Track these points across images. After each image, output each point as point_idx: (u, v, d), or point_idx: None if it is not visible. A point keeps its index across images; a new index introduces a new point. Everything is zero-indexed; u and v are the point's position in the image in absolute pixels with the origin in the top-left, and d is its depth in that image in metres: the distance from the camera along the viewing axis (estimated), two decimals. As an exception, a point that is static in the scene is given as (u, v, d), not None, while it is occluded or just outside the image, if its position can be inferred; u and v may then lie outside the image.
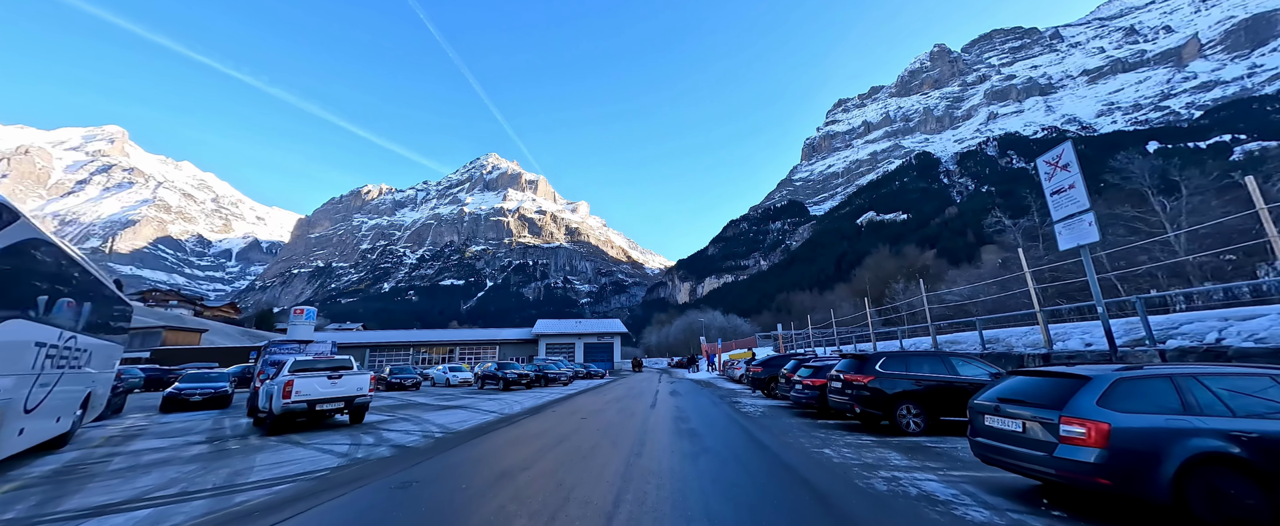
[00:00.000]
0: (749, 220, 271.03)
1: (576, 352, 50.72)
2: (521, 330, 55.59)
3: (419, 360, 48.71)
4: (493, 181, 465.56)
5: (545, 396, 18.12)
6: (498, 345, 50.95)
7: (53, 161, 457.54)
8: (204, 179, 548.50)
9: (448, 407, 14.50)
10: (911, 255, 66.93)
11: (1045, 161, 9.41)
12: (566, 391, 21.04)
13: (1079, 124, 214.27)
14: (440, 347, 50.76)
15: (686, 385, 24.48)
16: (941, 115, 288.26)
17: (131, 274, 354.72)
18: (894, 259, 63.14)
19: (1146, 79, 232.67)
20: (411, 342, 50.92)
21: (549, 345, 51.04)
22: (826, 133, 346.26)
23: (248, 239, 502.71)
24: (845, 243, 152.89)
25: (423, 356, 49.16)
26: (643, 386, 23.83)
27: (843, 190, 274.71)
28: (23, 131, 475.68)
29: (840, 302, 55.27)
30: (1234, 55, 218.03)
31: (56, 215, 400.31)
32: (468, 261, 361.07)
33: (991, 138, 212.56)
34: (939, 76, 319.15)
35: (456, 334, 56.77)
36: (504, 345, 50.97)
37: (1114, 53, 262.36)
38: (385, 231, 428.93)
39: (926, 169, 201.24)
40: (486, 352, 50.10)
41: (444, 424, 10.80)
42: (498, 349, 50.48)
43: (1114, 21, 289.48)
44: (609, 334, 53.79)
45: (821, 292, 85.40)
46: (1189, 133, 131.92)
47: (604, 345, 52.64)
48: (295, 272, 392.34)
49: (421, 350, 50.17)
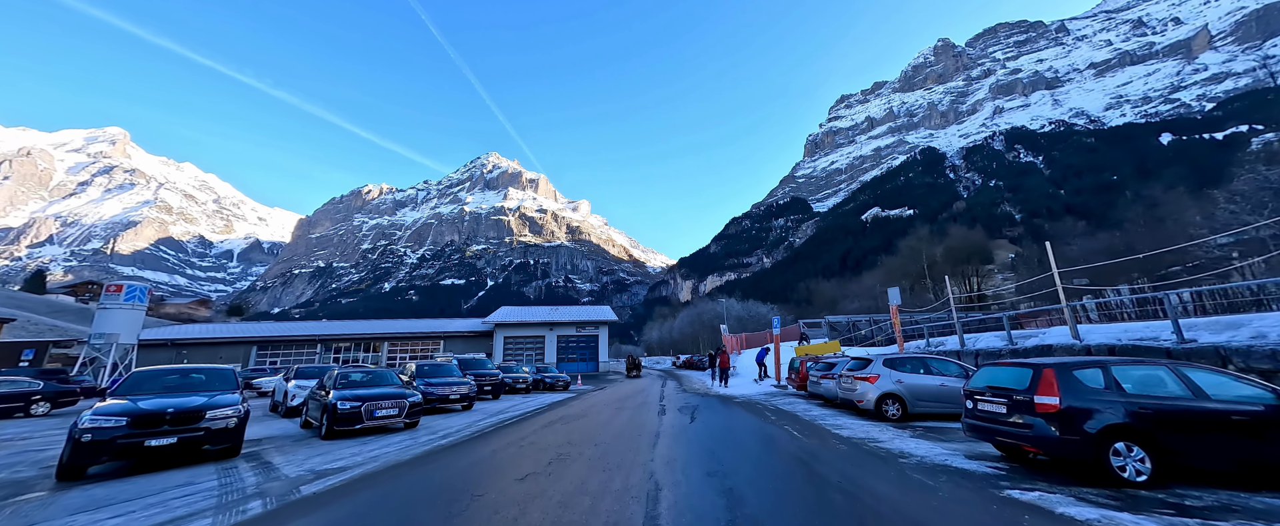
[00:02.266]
0: (752, 217, 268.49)
1: (547, 348, 40.36)
2: (473, 321, 44.32)
3: (331, 359, 39.11)
4: (493, 180, 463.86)
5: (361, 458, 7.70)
6: (442, 339, 41.04)
7: (55, 163, 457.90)
8: (206, 180, 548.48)
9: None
10: (959, 235, 58.26)
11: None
12: (448, 430, 10.34)
13: (1087, 117, 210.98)
14: (361, 343, 40.35)
15: (717, 412, 12.68)
16: (946, 110, 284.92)
17: (133, 275, 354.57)
18: (936, 240, 54.96)
19: (1155, 71, 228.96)
20: (319, 336, 39.69)
21: (509, 339, 40.43)
22: (830, 129, 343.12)
23: (249, 240, 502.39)
24: (850, 239, 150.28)
25: (343, 355, 39.35)
26: (628, 417, 11.94)
27: (846, 186, 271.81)
28: (25, 133, 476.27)
29: (868, 292, 51.07)
30: (1245, 47, 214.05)
31: (59, 217, 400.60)
32: (468, 261, 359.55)
33: (998, 132, 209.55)
34: (943, 71, 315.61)
35: (385, 326, 44.03)
36: (450, 339, 41.13)
37: (1121, 45, 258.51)
38: (386, 231, 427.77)
39: (932, 164, 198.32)
40: (429, 349, 40.78)
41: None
42: (442, 344, 40.79)
43: (1121, 14, 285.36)
44: (591, 323, 42.22)
45: (844, 281, 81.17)
46: (1203, 124, 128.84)
47: (585, 339, 41.84)
48: (296, 273, 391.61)
49: (336, 346, 39.54)
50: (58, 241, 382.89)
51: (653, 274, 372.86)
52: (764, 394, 17.77)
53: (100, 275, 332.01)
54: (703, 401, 15.57)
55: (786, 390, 18.80)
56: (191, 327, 43.56)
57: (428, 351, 40.43)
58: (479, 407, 15.03)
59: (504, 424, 11.38)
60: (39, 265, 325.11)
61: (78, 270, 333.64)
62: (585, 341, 42.11)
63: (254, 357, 37.26)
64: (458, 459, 7.49)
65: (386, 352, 40.65)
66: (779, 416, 11.81)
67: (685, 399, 16.59)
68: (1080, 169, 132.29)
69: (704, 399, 16.46)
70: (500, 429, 10.57)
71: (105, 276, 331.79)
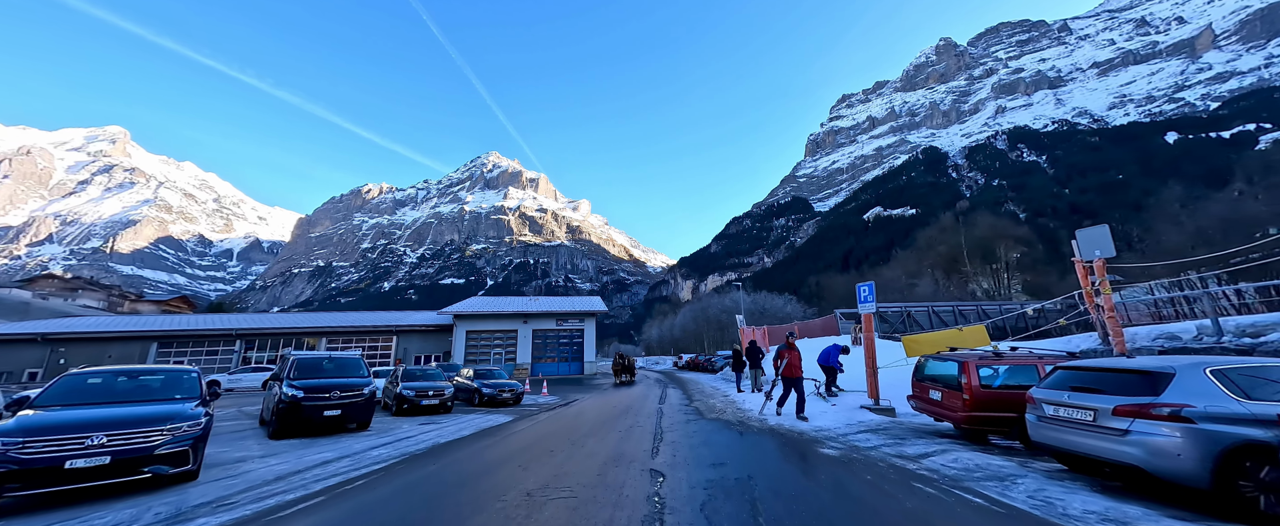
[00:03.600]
0: (752, 217, 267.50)
1: (521, 346, 34.15)
2: (429, 314, 37.65)
3: (240, 358, 33.26)
4: (493, 180, 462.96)
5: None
6: (395, 334, 34.90)
7: (54, 162, 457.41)
8: (206, 179, 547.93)
9: None
10: (986, 223, 54.87)
11: None
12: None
13: (1090, 116, 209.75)
14: (290, 338, 33.34)
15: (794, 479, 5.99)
16: (948, 109, 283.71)
17: (132, 274, 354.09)
18: (962, 229, 51.71)
19: (1159, 71, 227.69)
20: (237, 331, 32.53)
21: (473, 335, 34.02)
22: (831, 128, 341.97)
23: (249, 239, 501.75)
24: (852, 238, 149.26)
25: (267, 354, 33.15)
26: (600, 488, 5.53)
27: (848, 186, 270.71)
28: (25, 132, 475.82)
29: (890, 284, 48.51)
30: (1250, 46, 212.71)
31: (58, 215, 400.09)
32: (468, 260, 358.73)
33: (1000, 131, 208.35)
34: (945, 71, 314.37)
35: (324, 319, 37.62)
36: (405, 334, 35.11)
37: (1125, 45, 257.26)
38: (386, 230, 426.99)
39: (934, 163, 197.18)
40: (381, 346, 34.88)
41: None
42: (396, 340, 34.83)
43: (1124, 13, 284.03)
44: (575, 314, 35.72)
45: (860, 275, 79.15)
46: (1209, 123, 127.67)
47: (567, 335, 35.36)
48: (296, 272, 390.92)
49: (258, 342, 32.77)
50: (57, 240, 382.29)
51: (653, 274, 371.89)
52: (870, 429, 9.43)
53: (99, 274, 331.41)
54: (751, 451, 7.69)
55: (899, 419, 10.51)
56: (71, 321, 35.13)
57: (378, 349, 34.52)
58: (327, 446, 8.81)
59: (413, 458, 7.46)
60: (38, 264, 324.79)
61: (77, 269, 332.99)
62: (567, 337, 35.48)
63: (154, 355, 31.03)
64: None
65: (324, 350, 32.88)
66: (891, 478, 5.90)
67: (707, 435, 9.13)
68: (1085, 168, 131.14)
69: (746, 438, 8.76)
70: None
71: (104, 275, 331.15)
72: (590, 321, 36.28)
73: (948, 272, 44.71)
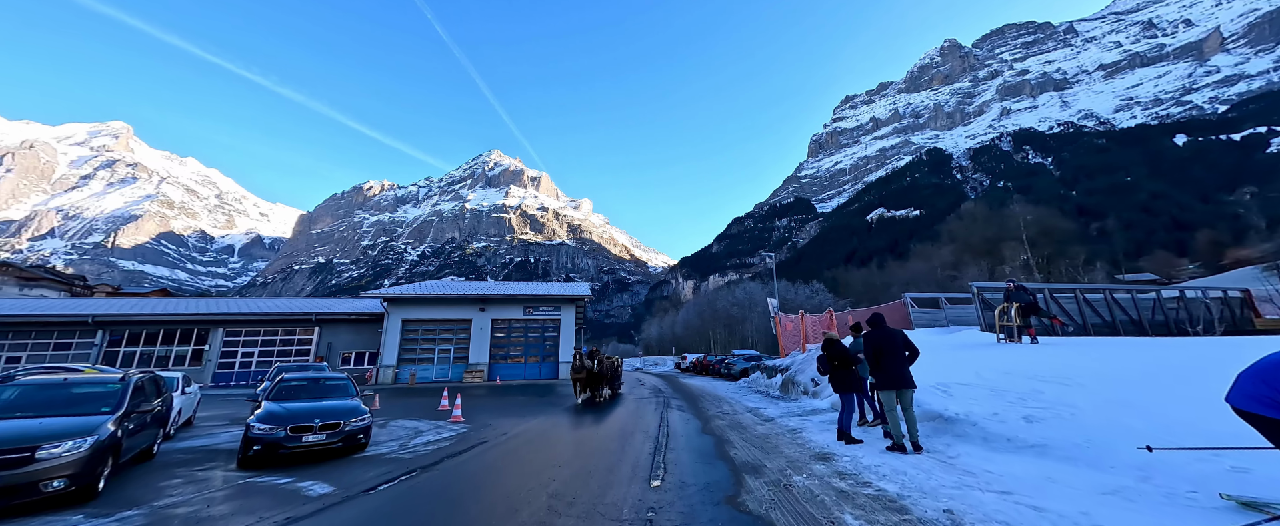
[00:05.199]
0: (754, 217, 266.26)
1: (475, 341, 27.27)
2: (363, 302, 30.34)
3: (103, 354, 26.06)
4: (495, 178, 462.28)
5: None
6: (317, 324, 28.23)
7: (57, 156, 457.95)
8: (208, 175, 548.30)
9: None
10: (1033, 215, 52.09)
11: None
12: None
13: (1096, 119, 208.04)
14: (173, 330, 26.69)
15: None
16: (952, 111, 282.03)
17: (133, 269, 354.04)
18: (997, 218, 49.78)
19: (1166, 73, 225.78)
20: (95, 318, 25.65)
21: (412, 326, 27.25)
22: (834, 129, 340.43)
23: (250, 235, 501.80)
24: (855, 239, 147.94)
25: (139, 350, 26.15)
26: None
27: (851, 187, 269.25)
28: (28, 126, 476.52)
29: (923, 277, 46.72)
30: (1259, 49, 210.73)
31: (60, 210, 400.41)
32: (469, 258, 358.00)
33: (1005, 133, 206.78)
34: (949, 72, 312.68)
35: (220, 306, 29.99)
36: (330, 324, 28.48)
37: (1131, 47, 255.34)
38: (386, 228, 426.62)
39: (938, 165, 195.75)
40: (301, 339, 28.09)
41: None
42: (318, 332, 28.21)
43: (1131, 15, 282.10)
44: (549, 301, 28.61)
45: (882, 268, 74.61)
46: (1219, 126, 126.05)
47: (539, 326, 28.56)
48: (296, 268, 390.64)
49: (124, 332, 26.13)
50: (59, 234, 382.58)
51: (654, 273, 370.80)
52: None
53: (100, 269, 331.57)
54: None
55: None
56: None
57: (295, 344, 28.01)
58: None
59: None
60: (40, 258, 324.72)
61: (78, 263, 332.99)
62: (538, 329, 28.51)
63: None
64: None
65: (220, 345, 27.03)
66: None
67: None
68: (1092, 170, 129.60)
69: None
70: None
71: (106, 270, 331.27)
72: (569, 309, 28.55)
73: (992, 260, 42.89)
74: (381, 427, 10.45)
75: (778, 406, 12.63)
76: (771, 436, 8.66)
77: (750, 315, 57.67)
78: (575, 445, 8.54)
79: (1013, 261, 41.96)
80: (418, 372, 26.75)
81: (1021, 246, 40.81)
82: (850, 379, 7.92)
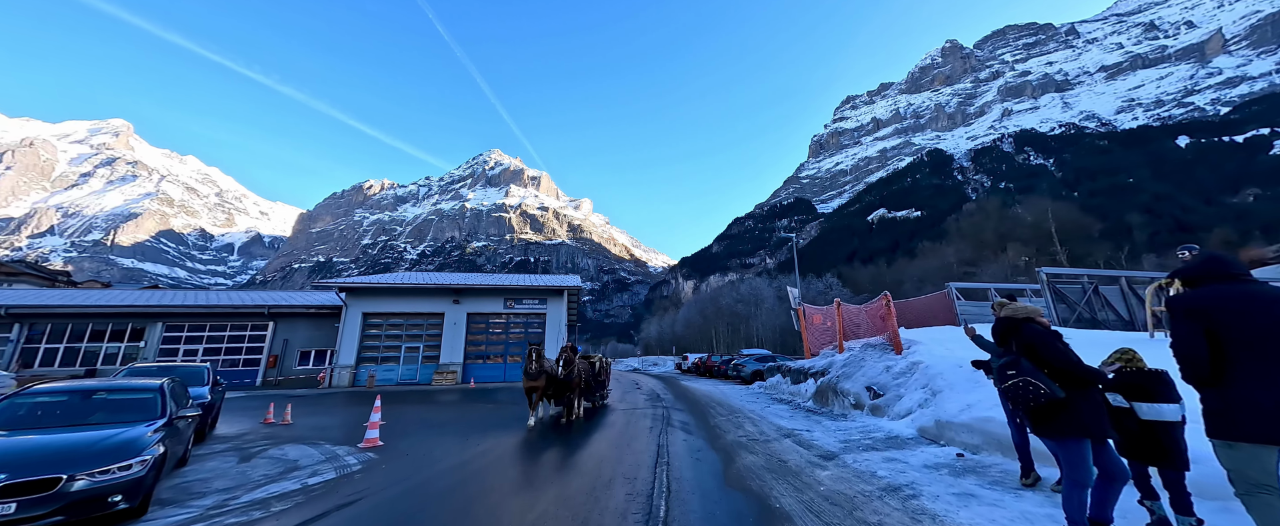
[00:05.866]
0: (754, 218, 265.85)
1: (449, 337, 24.60)
2: (323, 295, 27.79)
3: (20, 352, 22.83)
4: (495, 177, 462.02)
5: None
6: (273, 319, 25.53)
7: (57, 154, 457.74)
8: (208, 173, 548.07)
9: None
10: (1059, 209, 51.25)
11: None
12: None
13: (1098, 120, 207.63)
14: (103, 325, 23.55)
15: None
16: (954, 112, 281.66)
17: (133, 266, 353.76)
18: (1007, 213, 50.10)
19: (1168, 75, 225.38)
20: (7, 309, 22.44)
21: (374, 320, 24.70)
22: (835, 130, 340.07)
23: (250, 233, 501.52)
24: (855, 240, 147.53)
25: (61, 347, 23.15)
26: None
27: (851, 188, 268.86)
28: (28, 124, 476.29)
29: (936, 273, 46.13)
30: (1261, 51, 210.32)
31: (60, 207, 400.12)
32: (469, 257, 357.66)
33: (1007, 134, 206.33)
34: (951, 73, 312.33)
35: (158, 298, 26.32)
36: (285, 318, 25.79)
37: (1133, 48, 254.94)
38: (386, 226, 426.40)
39: (939, 166, 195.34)
40: (252, 333, 25.43)
41: None
42: (272, 326, 25.46)
43: (1132, 17, 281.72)
44: (533, 292, 25.80)
45: (890, 264, 73.16)
46: (1221, 127, 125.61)
47: (521, 322, 25.88)
48: (296, 267, 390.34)
49: (36, 324, 22.87)
50: (58, 232, 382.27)
51: (654, 273, 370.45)
52: None
53: (100, 266, 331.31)
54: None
55: None
56: None
57: (246, 341, 25.27)
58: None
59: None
60: (39, 256, 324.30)
61: (78, 261, 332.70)
62: (521, 325, 25.59)
63: None
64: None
65: (158, 343, 23.86)
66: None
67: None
68: (1094, 171, 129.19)
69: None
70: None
71: (105, 268, 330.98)
72: (557, 302, 25.41)
73: (1008, 254, 42.60)
74: (245, 460, 7.05)
75: (823, 427, 9.11)
76: (858, 502, 4.55)
77: (756, 312, 56.74)
78: (513, 499, 4.87)
79: (1029, 257, 41.58)
80: (378, 374, 23.90)
81: (1037, 241, 40.53)
82: (1083, 410, 3.35)
